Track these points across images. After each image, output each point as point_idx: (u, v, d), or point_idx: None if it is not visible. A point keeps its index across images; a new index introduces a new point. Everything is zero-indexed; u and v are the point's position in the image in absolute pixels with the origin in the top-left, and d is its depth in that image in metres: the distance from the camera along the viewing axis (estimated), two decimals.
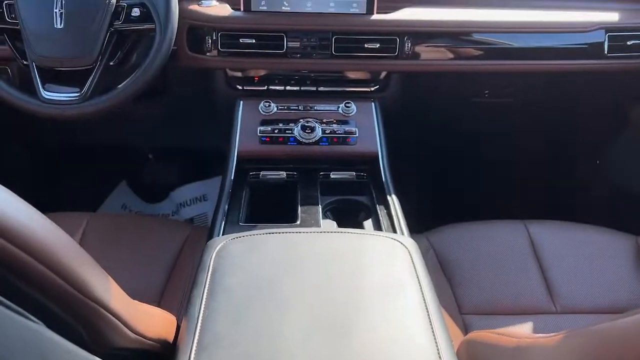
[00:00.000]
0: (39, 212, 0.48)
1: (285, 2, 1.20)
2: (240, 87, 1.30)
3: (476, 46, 1.26)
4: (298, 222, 1.01)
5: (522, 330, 1.02)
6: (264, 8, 1.21)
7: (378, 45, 1.22)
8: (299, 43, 1.22)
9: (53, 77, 1.09)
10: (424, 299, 0.73)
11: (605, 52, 1.29)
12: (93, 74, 1.08)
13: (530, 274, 1.13)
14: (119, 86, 1.08)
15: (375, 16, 1.21)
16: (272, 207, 1.16)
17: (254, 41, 1.21)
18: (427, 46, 1.24)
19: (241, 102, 1.26)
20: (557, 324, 1.05)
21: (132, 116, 1.53)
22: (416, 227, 1.21)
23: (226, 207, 1.04)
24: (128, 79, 1.08)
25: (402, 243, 0.82)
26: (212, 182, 1.90)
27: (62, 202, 1.83)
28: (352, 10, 1.21)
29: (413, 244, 0.84)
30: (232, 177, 1.13)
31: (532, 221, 1.25)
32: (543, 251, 1.17)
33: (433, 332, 0.67)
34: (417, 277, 0.76)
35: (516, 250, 1.17)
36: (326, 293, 0.70)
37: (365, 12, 1.21)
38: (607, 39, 1.28)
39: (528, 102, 1.48)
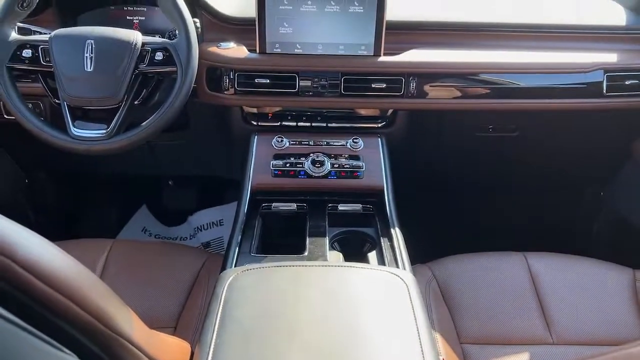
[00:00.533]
0: (63, 252, 0.55)
1: (297, 45, 1.29)
2: (255, 123, 1.38)
3: (478, 86, 1.32)
4: (306, 254, 1.07)
5: None
6: (278, 50, 1.29)
7: (384, 85, 1.29)
8: (310, 82, 1.30)
9: (82, 114, 1.18)
10: (418, 333, 0.79)
11: (604, 92, 1.34)
12: (119, 112, 1.17)
13: (528, 305, 1.18)
14: (143, 124, 1.17)
15: (382, 58, 1.28)
16: (282, 237, 1.23)
17: (268, 81, 1.29)
18: (431, 86, 1.31)
19: (256, 137, 1.34)
20: (552, 355, 1.09)
21: (154, 148, 1.62)
22: (420, 256, 1.27)
23: (239, 237, 1.12)
24: (152, 117, 1.17)
25: (401, 278, 0.88)
26: (227, 208, 1.99)
27: (86, 226, 1.93)
28: (360, 53, 1.29)
29: (412, 279, 0.90)
30: (246, 210, 1.20)
31: (532, 253, 1.30)
32: (541, 283, 1.22)
33: None
34: (413, 312, 0.82)
35: (515, 282, 1.22)
36: (328, 326, 0.76)
37: (372, 54, 1.29)
38: (605, 78, 1.34)
39: (532, 136, 1.53)
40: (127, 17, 1.44)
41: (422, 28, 1.36)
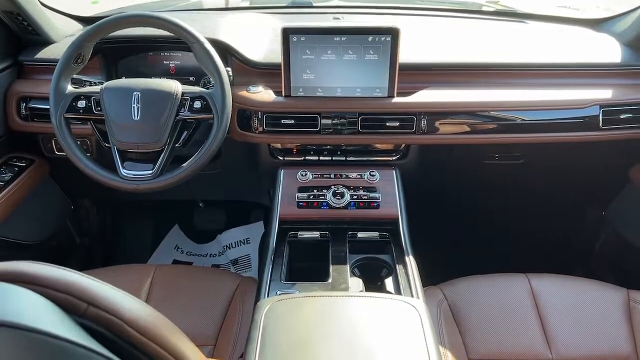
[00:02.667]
0: (145, 304, 0.70)
1: (319, 89, 1.43)
2: (281, 158, 1.53)
3: (484, 122, 1.45)
4: (330, 281, 1.21)
5: None
6: (301, 94, 1.44)
7: (398, 123, 1.43)
8: (330, 122, 1.44)
9: (130, 157, 1.34)
10: (428, 353, 0.92)
11: (600, 125, 1.46)
12: (162, 154, 1.32)
13: (530, 324, 1.30)
14: (184, 165, 1.32)
15: (395, 99, 1.42)
16: (307, 261, 1.38)
17: (293, 121, 1.44)
18: (440, 123, 1.45)
19: (282, 171, 1.49)
20: None
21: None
22: (434, 277, 1.40)
23: (270, 267, 1.26)
24: (192, 159, 1.32)
25: (414, 307, 1.02)
26: (254, 227, 2.14)
27: (126, 247, 2.10)
28: (375, 94, 1.43)
29: (424, 307, 1.03)
30: (275, 240, 1.34)
31: (534, 275, 1.42)
32: (542, 303, 1.34)
33: None
34: (424, 337, 0.95)
35: (519, 301, 1.35)
36: (351, 351, 0.90)
37: (387, 96, 1.43)
38: (601, 113, 1.46)
39: (536, 163, 1.65)
40: (164, 62, 1.60)
41: (431, 69, 1.49)
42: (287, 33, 1.37)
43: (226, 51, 1.48)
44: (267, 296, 1.16)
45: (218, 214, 2.21)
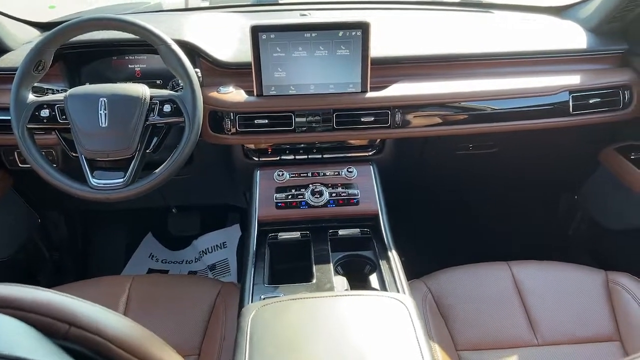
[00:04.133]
0: (128, 319, 0.66)
1: (291, 87, 1.41)
2: (256, 158, 1.50)
3: (457, 113, 1.45)
4: (314, 281, 1.19)
5: None
6: (274, 92, 1.41)
7: (372, 118, 1.42)
8: (304, 120, 1.42)
9: (99, 165, 1.29)
10: (420, 348, 0.91)
11: (571, 111, 1.48)
12: (134, 161, 1.28)
13: (514, 311, 1.31)
14: (157, 171, 1.28)
15: (369, 94, 1.41)
16: (289, 262, 1.35)
17: (267, 121, 1.41)
18: (414, 116, 1.44)
19: (258, 172, 1.46)
20: (538, 356, 1.22)
21: None
22: (416, 269, 1.40)
23: (252, 271, 1.23)
24: (164, 165, 1.28)
25: (402, 302, 1.01)
26: (230, 230, 2.11)
27: (98, 258, 2.04)
28: (349, 90, 1.41)
29: (411, 302, 1.02)
30: (255, 243, 1.32)
31: (515, 262, 1.43)
32: (525, 290, 1.35)
33: None
34: (415, 331, 0.94)
35: (502, 290, 1.35)
36: (341, 352, 0.88)
37: (360, 91, 1.41)
38: (571, 99, 1.48)
39: (509, 151, 1.67)
40: (129, 66, 1.55)
41: (402, 62, 1.48)
42: (256, 31, 1.34)
43: (194, 52, 1.44)
44: (251, 301, 1.13)
45: (192, 219, 2.16)
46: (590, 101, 1.49)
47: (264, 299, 1.13)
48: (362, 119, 1.42)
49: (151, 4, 2.11)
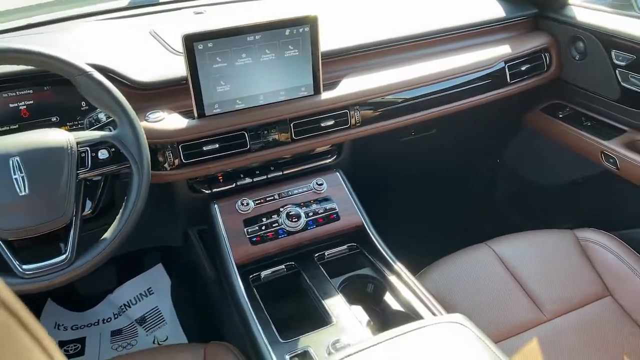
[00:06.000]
0: None
1: (238, 101, 1.20)
2: (206, 191, 1.27)
3: (413, 100, 1.37)
4: (334, 322, 1.04)
5: None
6: (218, 111, 1.19)
7: (333, 121, 1.28)
8: (260, 136, 1.22)
9: (27, 245, 0.97)
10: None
11: (508, 80, 1.49)
12: (72, 230, 0.98)
13: (514, 293, 1.28)
14: (107, 236, 1.00)
15: (324, 95, 1.26)
16: (287, 304, 1.17)
17: (217, 145, 1.19)
18: (373, 111, 1.33)
19: (216, 207, 1.23)
20: (554, 329, 1.22)
21: None
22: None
23: (260, 328, 1.03)
24: (114, 226, 1.01)
25: (460, 323, 0.91)
26: (153, 273, 1.81)
27: None
28: (301, 94, 1.24)
29: (464, 318, 0.93)
30: (244, 292, 1.10)
31: (492, 241, 1.41)
32: (513, 268, 1.34)
33: None
34: (489, 346, 0.85)
35: (494, 274, 1.32)
36: None
37: (313, 94, 1.25)
38: (507, 68, 1.49)
39: (446, 130, 1.64)
40: (10, 105, 1.19)
41: (348, 53, 1.35)
42: (190, 41, 1.10)
43: (107, 75, 1.15)
44: None
45: (102, 273, 1.81)
46: (522, 68, 1.52)
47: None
48: (322, 124, 1.27)
49: None
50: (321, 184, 1.29)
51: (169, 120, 1.16)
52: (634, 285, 1.29)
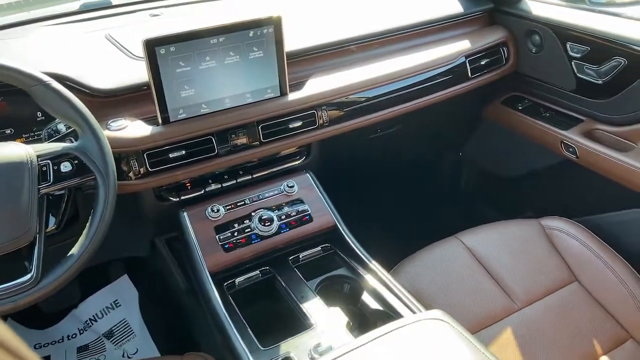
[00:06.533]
0: None
1: (203, 105, 1.17)
2: (174, 199, 1.23)
3: (379, 98, 1.37)
4: (315, 326, 1.03)
5: None
6: (184, 116, 1.15)
7: (300, 122, 1.26)
8: (228, 140, 1.20)
9: None
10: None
11: (469, 75, 1.51)
12: (36, 247, 0.94)
13: (486, 285, 1.31)
14: (75, 252, 0.96)
15: (291, 96, 1.24)
16: (263, 309, 1.16)
17: (184, 152, 1.15)
18: (340, 110, 1.32)
19: (186, 215, 1.20)
20: (524, 318, 1.25)
21: None
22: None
23: (239, 337, 1.00)
24: (81, 241, 0.96)
25: (440, 319, 0.91)
26: (119, 284, 1.75)
27: None
28: (267, 96, 1.22)
29: (443, 313, 0.94)
30: (220, 301, 1.08)
31: (461, 234, 1.43)
32: (484, 259, 1.36)
33: None
34: (471, 341, 0.87)
35: (465, 266, 1.34)
36: None
37: (280, 95, 1.24)
38: (468, 63, 1.51)
39: (410, 125, 1.66)
40: None
41: (312, 52, 1.34)
42: (151, 45, 1.06)
43: (65, 83, 1.10)
44: None
45: (65, 287, 1.73)
46: (482, 62, 1.54)
47: None
48: (290, 125, 1.25)
49: None
50: (292, 186, 1.28)
51: (132, 128, 1.12)
52: (597, 269, 1.34)
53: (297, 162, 1.36)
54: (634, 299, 1.26)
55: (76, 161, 0.97)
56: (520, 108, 1.67)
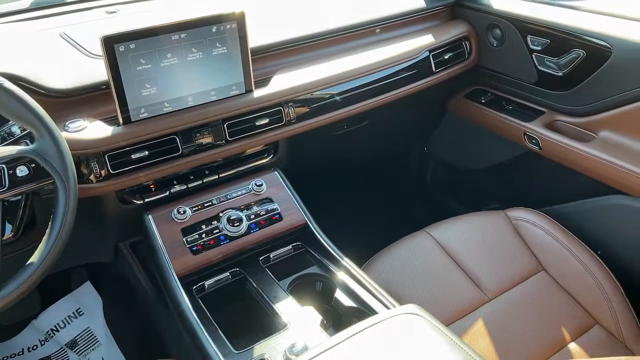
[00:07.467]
0: None
1: (166, 104, 1.13)
2: (138, 201, 1.19)
3: (344, 95, 1.36)
4: (289, 327, 1.01)
5: None
6: (145, 115, 1.11)
7: (267, 119, 1.24)
8: (192, 139, 1.17)
9: None
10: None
11: (433, 69, 1.52)
12: None
13: (456, 277, 1.31)
14: (34, 261, 0.91)
15: (256, 92, 1.22)
16: (242, 314, 1.13)
17: (147, 153, 1.11)
18: (306, 106, 1.31)
19: (150, 217, 1.16)
20: (494, 309, 1.26)
21: None
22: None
23: (211, 341, 0.98)
24: (41, 248, 0.92)
25: (415, 313, 0.91)
26: (81, 292, 1.69)
27: None
28: (232, 93, 1.20)
29: (418, 308, 0.93)
30: (190, 305, 1.05)
31: (430, 227, 1.44)
32: (452, 252, 1.37)
33: None
34: (445, 334, 0.86)
35: (435, 260, 1.34)
36: None
37: (245, 92, 1.21)
38: (431, 57, 1.52)
39: (376, 120, 1.65)
40: None
41: (277, 47, 1.32)
42: (110, 43, 1.02)
43: (19, 84, 1.04)
44: None
45: (24, 298, 1.66)
46: (446, 56, 1.55)
47: None
48: (257, 123, 1.23)
49: None
50: (260, 185, 1.25)
51: (91, 129, 1.08)
52: (562, 258, 1.36)
53: (264, 160, 1.34)
54: (599, 286, 1.29)
55: (33, 165, 0.93)
56: (483, 101, 1.69)
